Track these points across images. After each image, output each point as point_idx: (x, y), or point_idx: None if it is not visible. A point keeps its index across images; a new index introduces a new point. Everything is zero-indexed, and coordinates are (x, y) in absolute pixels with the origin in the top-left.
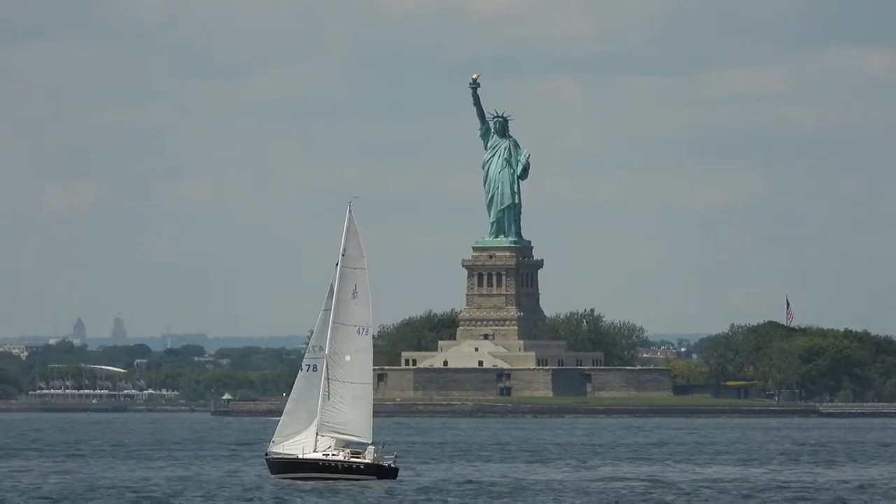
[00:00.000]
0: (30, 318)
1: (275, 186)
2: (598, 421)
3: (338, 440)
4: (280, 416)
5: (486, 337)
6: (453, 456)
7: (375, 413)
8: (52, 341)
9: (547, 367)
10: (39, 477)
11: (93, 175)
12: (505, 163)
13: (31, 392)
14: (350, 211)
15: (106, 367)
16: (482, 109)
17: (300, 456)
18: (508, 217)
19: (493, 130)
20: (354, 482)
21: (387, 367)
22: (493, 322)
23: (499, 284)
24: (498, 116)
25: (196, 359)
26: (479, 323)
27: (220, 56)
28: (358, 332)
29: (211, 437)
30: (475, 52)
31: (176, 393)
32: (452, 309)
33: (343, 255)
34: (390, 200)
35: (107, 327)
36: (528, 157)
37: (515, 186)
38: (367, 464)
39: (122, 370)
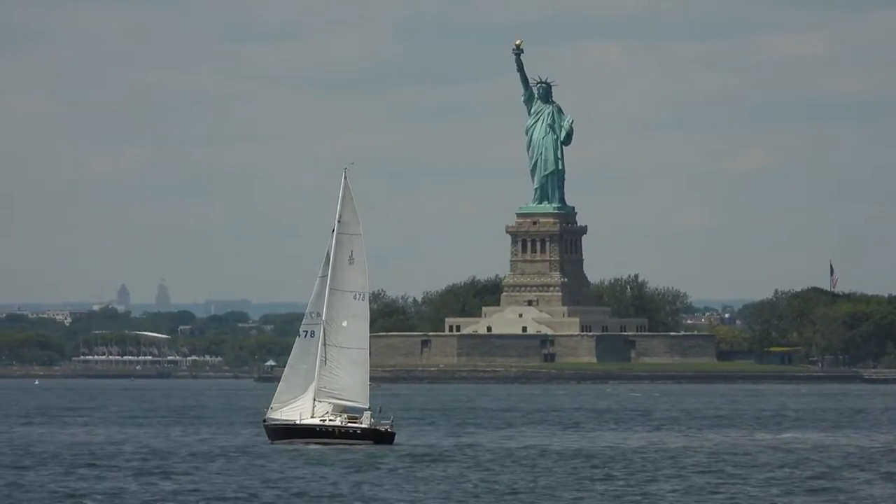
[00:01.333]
0: (73, 285)
1: (317, 152)
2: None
3: (335, 405)
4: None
5: (529, 303)
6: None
7: (419, 379)
8: (95, 307)
9: (591, 334)
10: None
11: (137, 141)
12: (548, 129)
13: (74, 358)
14: (346, 177)
15: (149, 334)
16: (525, 75)
17: (297, 422)
18: (552, 183)
19: (536, 96)
20: (351, 446)
21: (431, 334)
22: (537, 288)
23: (543, 250)
24: (541, 82)
25: (240, 325)
26: (522, 289)
27: (264, 22)
28: (354, 297)
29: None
30: (518, 17)
31: (219, 359)
32: (496, 275)
33: (339, 221)
34: (434, 167)
35: (151, 293)
36: (572, 123)
37: (559, 152)
38: (364, 428)
39: (165, 336)
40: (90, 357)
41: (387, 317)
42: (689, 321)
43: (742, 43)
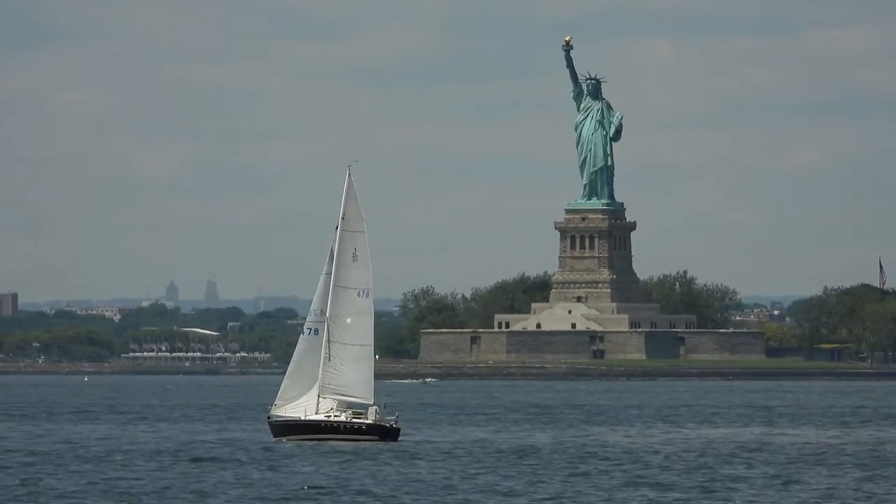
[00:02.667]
0: (122, 281)
1: (365, 148)
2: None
3: (339, 402)
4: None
5: (579, 299)
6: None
7: (468, 376)
8: (144, 304)
9: (640, 330)
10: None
11: (186, 137)
12: (598, 125)
13: (123, 355)
14: (349, 175)
15: (198, 330)
16: (575, 72)
17: (302, 418)
18: (601, 179)
19: (585, 92)
20: (357, 443)
21: (480, 330)
22: (586, 284)
23: (591, 247)
24: (590, 78)
25: (289, 321)
26: (572, 285)
27: (312, 18)
28: (358, 294)
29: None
30: (568, 13)
31: (268, 356)
32: (545, 271)
33: (343, 218)
34: (483, 163)
35: (199, 290)
36: (621, 119)
37: (608, 148)
38: (370, 424)
39: (214, 333)
40: (139, 354)
41: (436, 313)
42: (738, 318)
43: (794, 38)
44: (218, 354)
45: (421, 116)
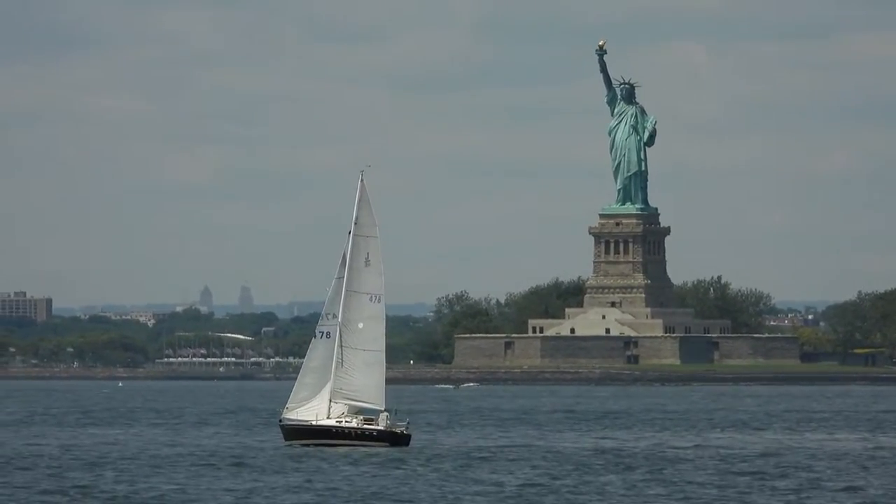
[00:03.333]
0: (157, 286)
1: (400, 153)
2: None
3: (350, 406)
4: (411, 383)
5: (613, 304)
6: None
7: (503, 381)
8: (178, 309)
9: (674, 335)
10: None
11: (220, 142)
12: (631, 130)
13: (157, 360)
14: (362, 180)
15: (233, 335)
16: (609, 76)
17: (313, 422)
18: (635, 184)
19: (619, 97)
20: (367, 448)
21: (514, 335)
22: (621, 289)
23: (626, 252)
24: (624, 83)
25: None
26: (606, 290)
27: (345, 22)
28: (370, 299)
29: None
30: (601, 17)
31: (303, 360)
32: (579, 276)
33: (355, 223)
34: (517, 168)
35: (234, 295)
36: (655, 124)
37: (642, 153)
38: (380, 430)
39: (249, 338)
40: (173, 359)
41: (470, 318)
42: (772, 323)
43: (827, 42)
44: (252, 359)
45: (455, 121)
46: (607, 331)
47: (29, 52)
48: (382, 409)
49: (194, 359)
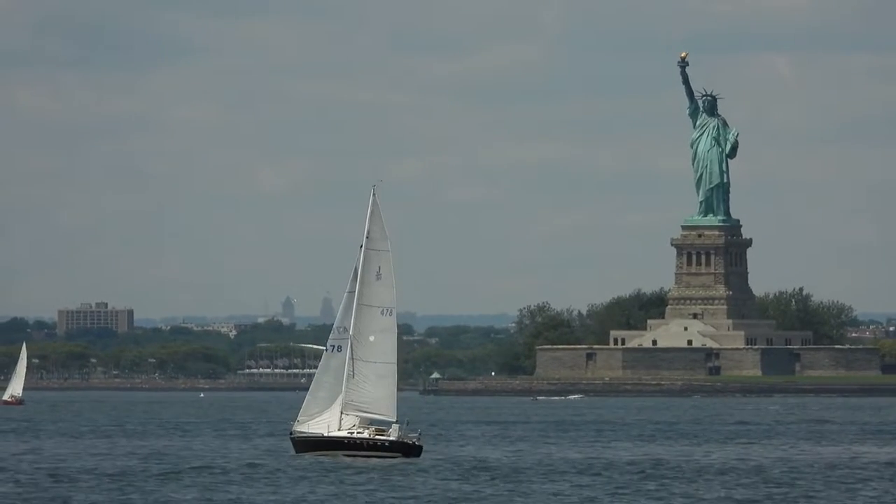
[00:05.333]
0: (238, 297)
1: (484, 164)
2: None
3: (362, 418)
4: (487, 394)
5: (695, 316)
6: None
7: (585, 391)
8: (260, 320)
9: (756, 347)
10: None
11: (303, 153)
12: (713, 142)
13: (239, 371)
14: (374, 194)
15: (314, 346)
16: (691, 88)
17: (325, 434)
18: (717, 196)
19: (701, 109)
20: (380, 459)
21: (595, 347)
22: (702, 301)
23: (707, 263)
24: (707, 95)
25: (405, 337)
26: (687, 302)
27: (431, 33)
28: (382, 312)
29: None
30: (684, 29)
31: None
32: (661, 288)
33: (367, 237)
34: (599, 179)
35: (315, 306)
36: (737, 136)
37: (724, 165)
38: (392, 441)
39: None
40: (255, 370)
41: (552, 330)
42: (853, 334)
43: None
44: None
45: (538, 132)
46: (689, 342)
47: (114, 63)
48: (394, 420)
49: (276, 370)
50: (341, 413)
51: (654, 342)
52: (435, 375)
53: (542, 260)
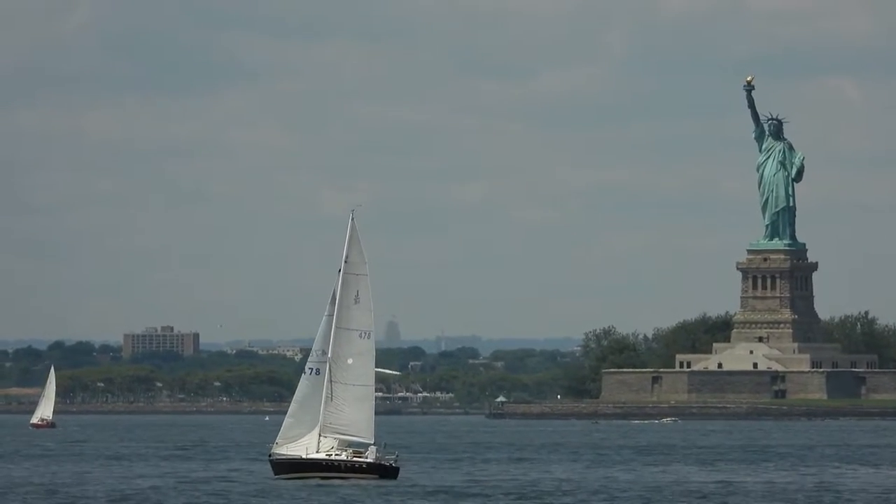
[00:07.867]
0: (303, 320)
1: (546, 187)
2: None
3: (340, 440)
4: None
5: (760, 339)
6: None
7: (650, 416)
8: None
9: (821, 370)
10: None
11: (368, 176)
12: (779, 165)
13: None
14: (352, 219)
15: (380, 370)
16: (756, 112)
17: (303, 456)
18: (783, 219)
19: (767, 133)
20: (357, 481)
21: (661, 370)
22: (768, 324)
23: (773, 287)
24: (772, 119)
25: (470, 361)
26: (753, 325)
27: (496, 56)
28: (360, 336)
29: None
30: (749, 52)
31: (450, 395)
32: (727, 311)
33: (345, 261)
34: (664, 202)
35: (381, 329)
36: (803, 160)
37: (790, 189)
38: (370, 463)
39: (396, 373)
40: None
41: (617, 353)
42: None
43: None
44: (399, 394)
45: (602, 155)
46: (755, 365)
47: (183, 86)
48: (372, 442)
49: None
50: (320, 435)
51: (720, 365)
52: (501, 399)
53: (606, 283)
